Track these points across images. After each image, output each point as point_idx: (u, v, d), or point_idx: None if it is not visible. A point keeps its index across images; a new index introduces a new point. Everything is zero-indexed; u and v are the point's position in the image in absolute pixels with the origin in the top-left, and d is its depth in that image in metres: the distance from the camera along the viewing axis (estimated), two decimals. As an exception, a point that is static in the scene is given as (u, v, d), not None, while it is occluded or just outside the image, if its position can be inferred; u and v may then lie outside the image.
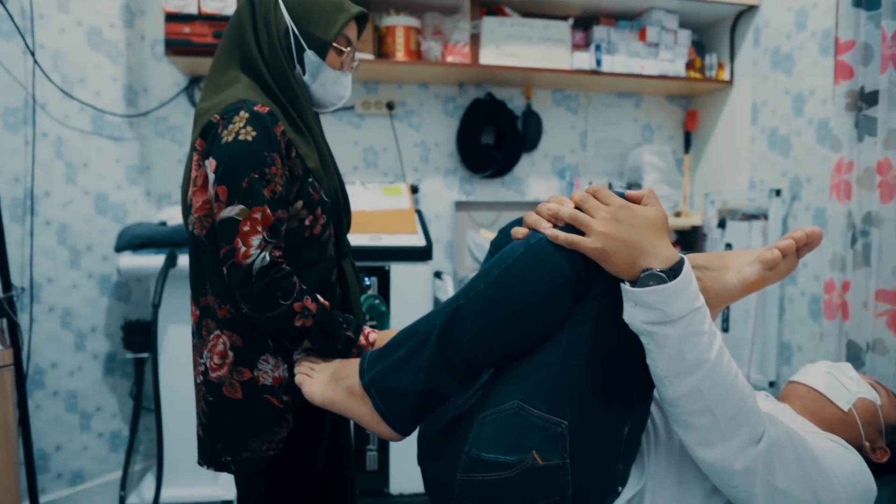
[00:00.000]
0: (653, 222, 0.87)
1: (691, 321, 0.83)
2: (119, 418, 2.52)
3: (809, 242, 0.94)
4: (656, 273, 0.84)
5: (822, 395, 1.24)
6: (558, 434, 0.88)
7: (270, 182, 1.13)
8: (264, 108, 1.15)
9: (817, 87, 2.34)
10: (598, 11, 2.73)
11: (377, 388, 0.98)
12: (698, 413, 0.85)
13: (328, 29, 1.26)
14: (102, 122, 2.47)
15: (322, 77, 1.29)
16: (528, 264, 0.91)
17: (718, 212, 2.74)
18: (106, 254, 2.46)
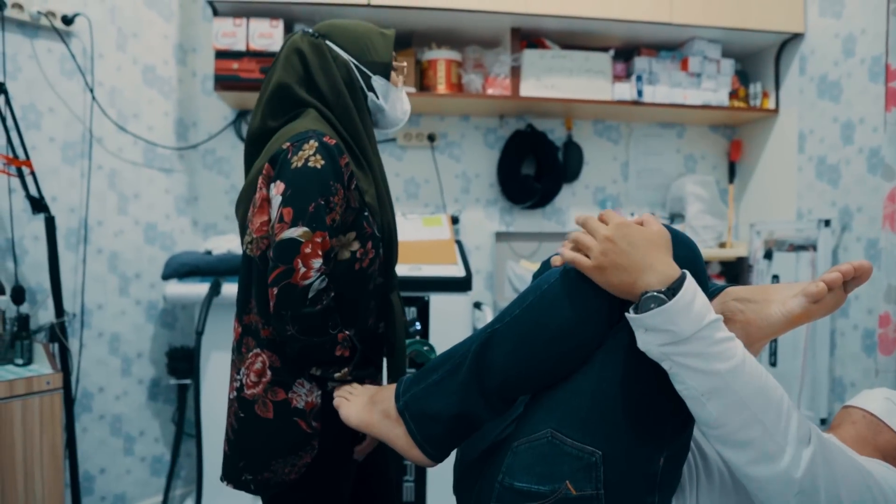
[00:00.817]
0: (651, 240, 0.87)
1: (705, 335, 0.81)
2: (161, 443, 2.56)
3: (858, 276, 0.90)
4: (655, 294, 0.83)
5: (878, 419, 1.18)
6: (592, 464, 0.86)
7: (333, 210, 1.16)
8: (332, 140, 1.19)
9: (867, 115, 2.28)
10: (638, 42, 2.73)
11: (411, 411, 0.99)
12: (746, 426, 0.81)
13: (385, 52, 1.35)
14: (154, 155, 2.56)
15: (392, 97, 1.38)
16: (563, 291, 0.91)
17: (765, 242, 2.67)
18: (153, 281, 2.53)
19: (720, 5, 2.54)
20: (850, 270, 0.90)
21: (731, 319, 0.95)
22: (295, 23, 2.45)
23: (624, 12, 2.47)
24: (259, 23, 2.31)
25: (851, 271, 0.90)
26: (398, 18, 2.47)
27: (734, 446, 0.84)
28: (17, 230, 2.17)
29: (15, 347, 1.89)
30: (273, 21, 2.32)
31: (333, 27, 1.36)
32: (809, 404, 2.42)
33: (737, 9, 2.55)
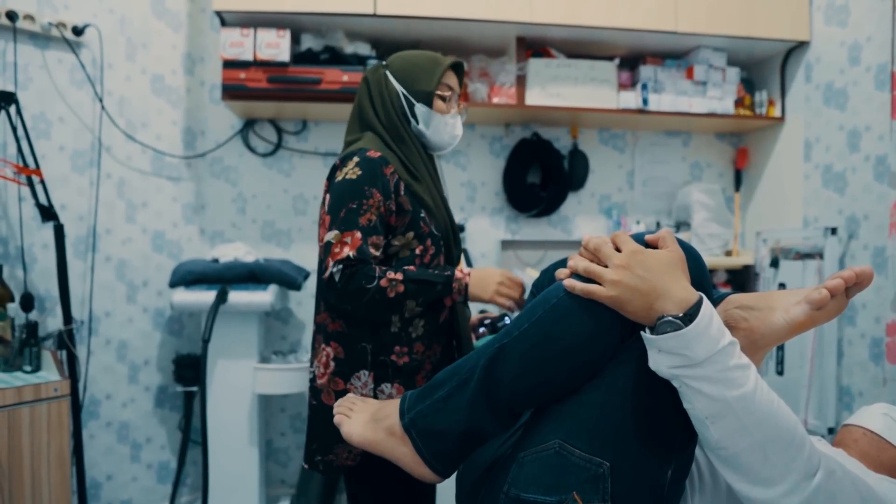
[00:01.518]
0: (667, 264, 0.87)
1: (718, 360, 0.80)
2: (168, 450, 2.57)
3: (860, 282, 0.90)
4: (671, 319, 0.82)
5: (880, 437, 1.18)
6: (600, 475, 0.85)
7: (367, 212, 1.35)
8: (376, 154, 1.40)
9: (873, 123, 2.28)
10: (644, 51, 2.74)
11: (417, 428, 0.97)
12: (747, 451, 0.81)
13: (429, 82, 1.51)
14: (162, 164, 2.58)
15: (434, 123, 1.52)
16: (573, 304, 0.90)
17: (771, 251, 2.66)
18: (161, 289, 2.55)
19: (725, 14, 2.54)
20: (852, 276, 0.89)
21: (735, 327, 0.94)
22: (302, 33, 2.47)
23: (629, 21, 2.48)
24: (266, 33, 2.33)
25: (853, 277, 0.89)
26: (403, 28, 2.48)
27: (732, 467, 0.84)
28: (27, 238, 2.20)
29: (24, 354, 1.91)
30: (280, 31, 2.34)
31: (395, 58, 1.57)
32: (817, 413, 2.40)
33: (742, 17, 2.55)
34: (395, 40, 2.61)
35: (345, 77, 2.38)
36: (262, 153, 2.75)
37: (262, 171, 2.76)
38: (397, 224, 1.41)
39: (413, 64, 1.53)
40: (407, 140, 1.50)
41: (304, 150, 2.77)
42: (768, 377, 2.62)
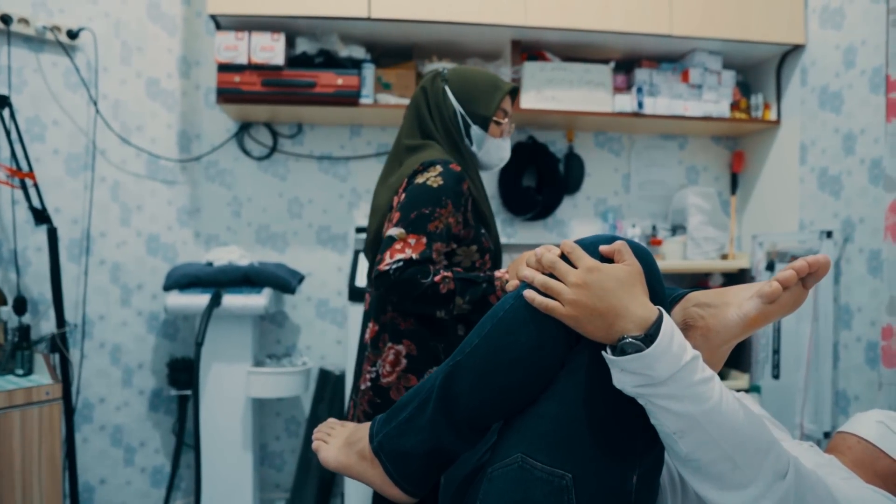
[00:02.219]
0: (624, 282, 0.85)
1: (681, 377, 0.79)
2: (162, 454, 2.56)
3: (815, 272, 0.87)
4: (632, 341, 0.81)
5: (874, 445, 1.17)
6: (563, 487, 0.85)
7: (437, 219, 1.41)
8: (458, 168, 1.47)
9: (868, 126, 2.27)
10: (639, 54, 2.74)
11: (386, 451, 0.98)
12: (717, 461, 0.81)
13: (488, 106, 1.55)
14: (157, 167, 2.58)
15: (487, 145, 1.58)
16: (518, 315, 0.90)
17: (767, 254, 2.66)
18: (155, 292, 2.55)
19: (720, 17, 2.54)
20: (805, 267, 0.87)
21: (693, 326, 0.93)
22: (296, 36, 2.47)
23: (624, 25, 2.48)
24: (260, 36, 2.33)
25: (806, 267, 0.87)
26: (399, 31, 2.48)
27: (702, 476, 0.83)
28: (20, 241, 2.19)
29: (16, 358, 1.90)
30: (274, 35, 2.34)
31: (456, 74, 1.60)
32: (813, 417, 2.39)
33: (737, 20, 2.55)
34: (390, 44, 2.61)
35: (339, 80, 2.38)
36: (257, 157, 2.75)
37: (257, 174, 2.75)
38: (463, 236, 1.49)
39: (473, 85, 1.57)
40: (464, 155, 1.57)
41: (300, 154, 2.77)
42: (765, 381, 2.61)
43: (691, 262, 2.73)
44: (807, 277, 0.88)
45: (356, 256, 2.44)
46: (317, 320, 2.78)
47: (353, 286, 2.27)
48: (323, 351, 2.77)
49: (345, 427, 1.11)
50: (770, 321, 0.90)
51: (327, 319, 2.78)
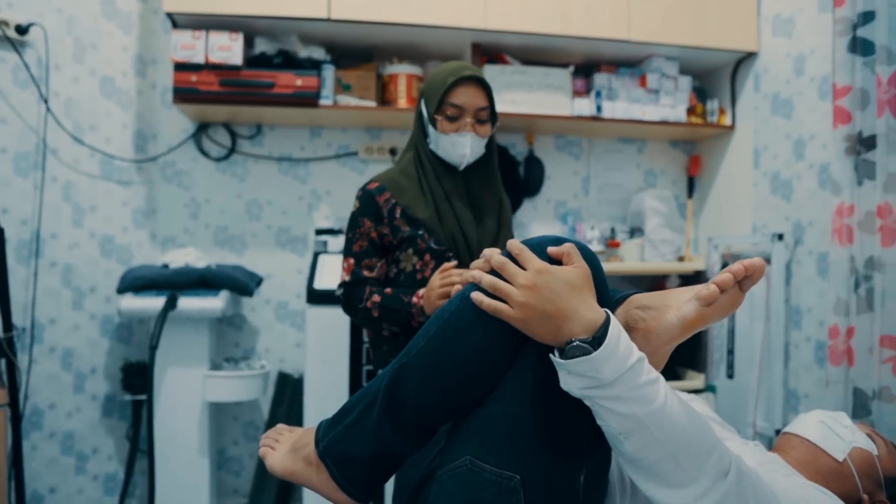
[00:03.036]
0: (573, 284, 0.85)
1: (628, 379, 0.80)
2: (115, 461, 2.51)
3: (751, 275, 0.88)
4: (580, 344, 0.81)
5: (815, 445, 1.20)
6: (511, 489, 0.85)
7: (359, 240, 1.60)
8: (373, 185, 1.61)
9: (817, 132, 2.34)
10: (598, 59, 2.77)
11: (331, 455, 0.96)
12: (661, 461, 0.82)
13: (432, 103, 1.58)
14: (111, 167, 2.53)
15: (441, 142, 1.60)
16: (464, 318, 0.90)
17: (722, 256, 2.71)
18: (109, 295, 2.49)
19: (677, 24, 2.59)
20: (741, 270, 0.88)
21: (634, 328, 0.94)
22: (255, 36, 2.45)
23: (583, 29, 2.51)
24: (218, 36, 2.30)
25: (742, 271, 0.88)
26: (359, 33, 2.48)
27: (646, 475, 0.85)
28: (-34, 243, 2.12)
29: (-42, 363, 1.84)
30: (232, 34, 2.31)
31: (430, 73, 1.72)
32: (765, 415, 2.45)
33: (693, 27, 2.60)
34: (350, 45, 2.60)
35: (298, 81, 2.36)
36: (215, 157, 2.71)
37: (216, 175, 2.71)
38: (398, 244, 1.59)
39: (429, 83, 1.61)
40: (425, 158, 1.63)
41: (259, 155, 2.74)
42: (720, 381, 2.67)
43: (649, 264, 2.77)
44: (743, 280, 0.89)
45: (315, 258, 2.42)
46: (276, 323, 2.75)
47: (312, 288, 2.25)
48: (282, 354, 2.74)
49: (293, 432, 1.09)
50: (708, 323, 0.91)
51: (286, 322, 2.75)
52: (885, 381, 1.88)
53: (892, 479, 1.19)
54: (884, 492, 1.19)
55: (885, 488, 1.19)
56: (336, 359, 2.18)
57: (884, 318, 1.90)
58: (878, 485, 1.18)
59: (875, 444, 1.22)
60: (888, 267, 1.90)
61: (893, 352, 1.86)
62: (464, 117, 1.57)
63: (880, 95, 1.92)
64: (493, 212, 1.69)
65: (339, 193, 2.80)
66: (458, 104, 1.57)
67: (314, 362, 2.20)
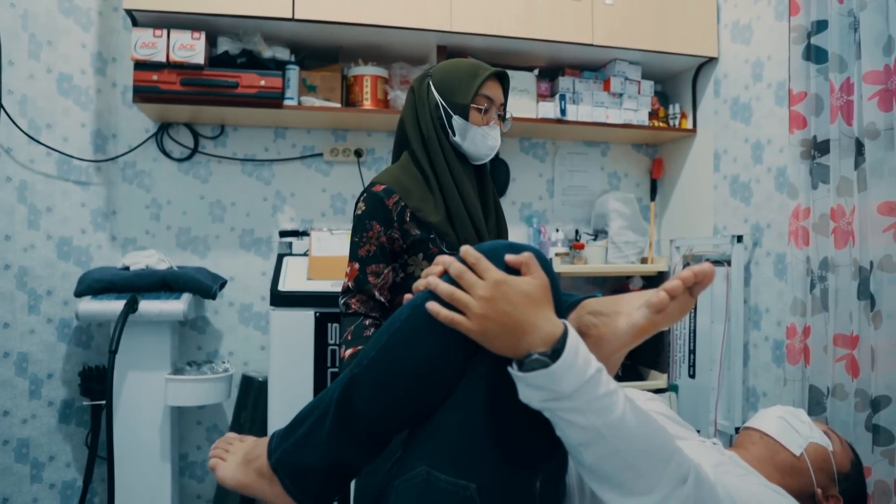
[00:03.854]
0: (532, 296, 0.84)
1: (586, 391, 0.80)
2: (73, 468, 2.45)
3: (700, 281, 0.89)
4: (538, 357, 0.81)
5: (774, 440, 1.23)
6: (468, 497, 0.84)
7: (367, 243, 1.53)
8: (380, 187, 1.54)
9: (774, 136, 2.40)
10: (562, 63, 2.80)
11: (284, 467, 0.95)
12: (620, 470, 0.82)
13: (466, 94, 1.57)
14: (69, 167, 2.47)
15: (470, 135, 1.58)
16: (415, 326, 0.89)
17: (684, 258, 2.76)
18: (67, 298, 2.43)
19: (639, 29, 2.63)
20: (690, 277, 0.89)
21: (586, 334, 0.94)
22: (218, 35, 2.41)
23: (548, 33, 2.53)
24: (180, 34, 2.26)
25: (691, 278, 0.89)
26: (324, 33, 2.46)
27: (605, 484, 0.85)
28: (-86, 245, 2.06)
29: None
30: (195, 33, 2.27)
31: (438, 67, 1.63)
32: (725, 414, 2.50)
33: (655, 33, 2.65)
34: (315, 46, 2.58)
35: (262, 81, 2.34)
36: (177, 158, 2.67)
37: (178, 176, 2.67)
38: (408, 248, 1.55)
39: (452, 75, 1.59)
40: (440, 155, 1.57)
41: (222, 156, 2.70)
42: (682, 380, 2.71)
43: (612, 266, 2.81)
44: (693, 286, 0.89)
45: (280, 260, 2.39)
46: (239, 326, 2.71)
47: (276, 291, 2.23)
48: (246, 357, 2.71)
49: (244, 442, 1.07)
50: (659, 329, 0.92)
51: (251, 325, 2.72)
52: (838, 378, 1.94)
53: (844, 474, 1.23)
54: (837, 486, 1.22)
55: (838, 483, 1.22)
56: (300, 361, 2.16)
57: (837, 317, 1.95)
58: (832, 479, 1.22)
59: (830, 440, 1.26)
60: (841, 268, 1.95)
61: (846, 350, 1.91)
62: (491, 111, 1.61)
63: (833, 102, 1.97)
64: (492, 207, 1.71)
65: (304, 195, 2.77)
66: (490, 96, 1.60)
67: (278, 365, 2.18)
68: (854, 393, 1.87)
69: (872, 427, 1.79)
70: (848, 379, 1.90)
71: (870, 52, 1.84)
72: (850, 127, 1.93)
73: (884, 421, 1.76)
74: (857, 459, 1.28)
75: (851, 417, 1.87)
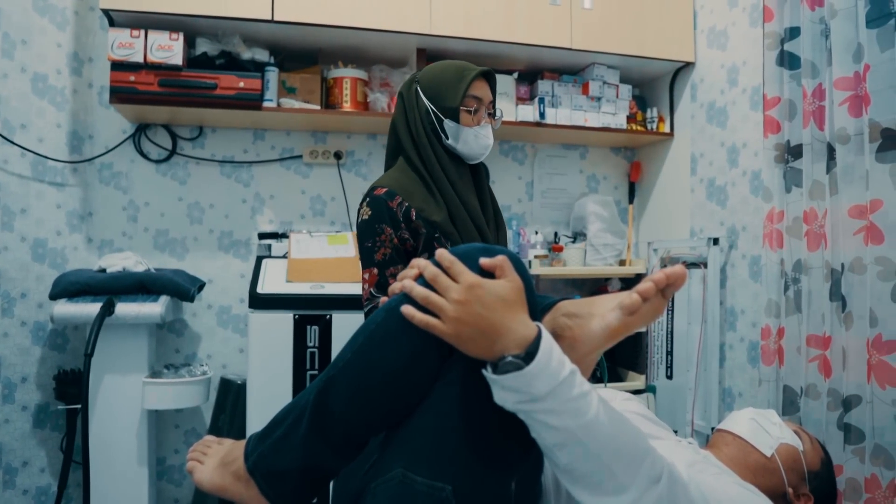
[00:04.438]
0: (506, 299, 0.85)
1: (560, 393, 0.81)
2: (48, 473, 2.41)
3: (672, 283, 0.91)
4: (512, 360, 0.82)
5: (745, 441, 1.26)
6: (444, 499, 0.85)
7: (381, 247, 1.53)
8: (382, 190, 1.55)
9: (749, 140, 2.43)
10: (541, 66, 2.82)
11: (261, 470, 0.95)
12: (595, 471, 0.84)
13: (454, 97, 1.59)
14: (44, 168, 2.44)
15: (462, 137, 1.61)
16: (390, 329, 0.90)
17: (661, 260, 2.79)
18: (42, 301, 2.40)
19: (617, 33, 2.65)
20: (663, 279, 0.90)
21: (561, 336, 0.95)
22: (197, 36, 2.40)
23: (527, 36, 2.55)
24: (158, 35, 2.25)
25: (664, 280, 0.90)
26: (303, 35, 2.46)
27: (580, 484, 0.86)
28: None
29: None
30: (173, 34, 2.26)
31: (425, 71, 1.65)
32: (702, 414, 2.53)
33: (633, 37, 2.67)
34: (294, 47, 2.57)
35: (241, 83, 2.33)
36: (155, 159, 2.65)
37: (156, 177, 2.65)
38: (418, 246, 1.56)
39: (440, 80, 1.62)
40: (432, 159, 1.59)
41: (201, 157, 2.69)
42: (659, 381, 2.74)
43: (591, 268, 2.83)
44: (665, 288, 0.91)
45: (259, 263, 2.39)
46: (218, 328, 2.69)
47: (255, 293, 2.22)
48: (224, 359, 2.69)
49: (221, 444, 1.06)
50: (632, 330, 0.93)
51: (229, 327, 2.70)
52: (811, 378, 1.97)
53: (814, 472, 1.26)
54: (807, 485, 1.25)
55: (808, 481, 1.25)
56: (279, 364, 2.16)
57: (810, 318, 1.99)
58: (802, 478, 1.25)
59: (801, 440, 1.28)
60: (813, 270, 1.99)
61: (819, 351, 1.95)
62: (481, 110, 1.63)
63: (806, 107, 2.01)
64: (490, 206, 1.73)
65: (283, 197, 2.76)
66: (478, 96, 1.62)
67: (257, 368, 2.17)
68: (826, 393, 1.90)
69: (844, 426, 1.82)
70: (821, 379, 1.94)
71: (840, 58, 1.88)
72: (822, 132, 1.97)
73: (855, 420, 1.79)
74: (828, 458, 1.31)
75: (824, 417, 1.90)
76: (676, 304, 2.69)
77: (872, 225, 1.76)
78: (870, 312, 1.75)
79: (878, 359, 1.71)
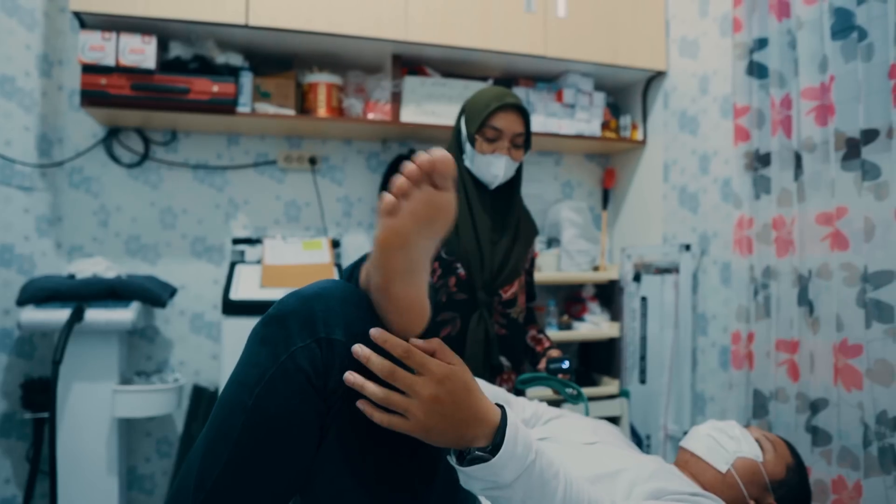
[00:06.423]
0: (470, 387, 0.82)
1: (528, 477, 0.81)
2: (13, 484, 2.36)
3: (431, 170, 0.78)
4: (479, 455, 0.80)
5: (701, 459, 1.28)
6: None
7: None
8: None
9: (720, 148, 2.47)
10: (516, 73, 2.84)
11: None
12: None
13: (474, 123, 1.68)
14: (11, 172, 2.39)
15: (477, 161, 1.70)
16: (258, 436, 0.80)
17: (634, 266, 2.82)
18: (8, 307, 2.35)
19: (592, 42, 2.68)
20: (415, 170, 0.78)
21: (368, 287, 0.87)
22: (170, 40, 2.38)
23: (502, 44, 2.57)
24: (130, 38, 2.22)
25: (415, 171, 0.78)
26: (278, 40, 2.45)
27: None
28: None
29: None
30: (145, 37, 2.24)
31: (474, 93, 1.75)
32: (675, 418, 2.56)
33: (607, 46, 2.71)
34: (268, 52, 2.56)
35: (215, 88, 2.31)
36: (127, 164, 2.61)
37: (128, 182, 2.61)
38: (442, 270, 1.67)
39: (472, 104, 1.72)
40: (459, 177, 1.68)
41: (174, 162, 2.66)
42: (633, 386, 2.77)
43: (565, 274, 2.85)
44: (433, 176, 0.79)
45: (232, 268, 2.36)
46: (191, 335, 2.66)
47: (228, 299, 2.20)
48: (197, 366, 2.66)
49: None
50: (407, 232, 0.79)
51: (202, 334, 2.67)
52: (780, 382, 2.01)
53: (779, 481, 1.27)
54: (772, 494, 1.26)
55: (773, 490, 1.26)
56: (253, 371, 2.13)
57: (779, 323, 2.03)
58: (765, 489, 1.26)
59: (763, 449, 1.29)
60: (782, 276, 2.03)
61: (787, 355, 1.98)
62: (501, 140, 1.68)
63: (774, 116, 2.05)
64: (511, 228, 1.77)
65: (257, 202, 2.75)
66: (499, 127, 1.67)
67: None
68: (795, 396, 1.94)
69: (811, 429, 1.85)
70: (789, 382, 1.97)
71: (807, 69, 1.92)
72: (790, 140, 2.01)
73: (822, 423, 1.83)
74: (797, 462, 1.32)
75: (793, 420, 1.94)
76: (649, 309, 2.72)
77: (838, 232, 1.80)
78: (836, 317, 1.78)
79: (844, 362, 1.75)
